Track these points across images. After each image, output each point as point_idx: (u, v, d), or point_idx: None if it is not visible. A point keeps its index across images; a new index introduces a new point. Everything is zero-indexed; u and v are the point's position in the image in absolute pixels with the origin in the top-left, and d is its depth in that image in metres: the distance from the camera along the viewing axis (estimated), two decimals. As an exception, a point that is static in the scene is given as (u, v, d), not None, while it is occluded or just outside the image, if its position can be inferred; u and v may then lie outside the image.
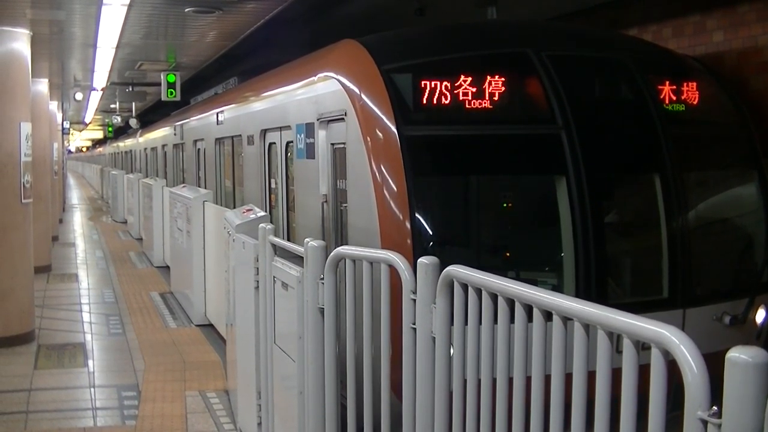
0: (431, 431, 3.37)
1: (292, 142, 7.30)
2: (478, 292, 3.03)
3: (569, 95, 5.56)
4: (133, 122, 25.83)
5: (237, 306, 6.22)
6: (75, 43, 11.98)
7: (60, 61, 14.17)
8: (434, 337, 3.34)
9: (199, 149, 13.67)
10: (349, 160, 5.77)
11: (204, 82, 16.29)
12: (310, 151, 6.66)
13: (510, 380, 2.86)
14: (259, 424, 5.61)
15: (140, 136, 25.30)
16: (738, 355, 1.90)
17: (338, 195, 6.24)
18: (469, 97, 5.43)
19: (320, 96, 6.45)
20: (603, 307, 2.41)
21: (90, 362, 8.69)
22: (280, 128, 7.90)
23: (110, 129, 35.24)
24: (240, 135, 9.72)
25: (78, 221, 26.57)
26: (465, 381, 3.16)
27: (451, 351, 3.26)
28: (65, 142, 36.56)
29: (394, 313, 3.64)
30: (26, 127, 9.71)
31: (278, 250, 5.18)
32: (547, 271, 5.61)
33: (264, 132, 8.54)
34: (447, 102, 5.41)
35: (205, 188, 11.99)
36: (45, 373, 8.24)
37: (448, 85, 5.41)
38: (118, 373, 8.27)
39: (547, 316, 2.63)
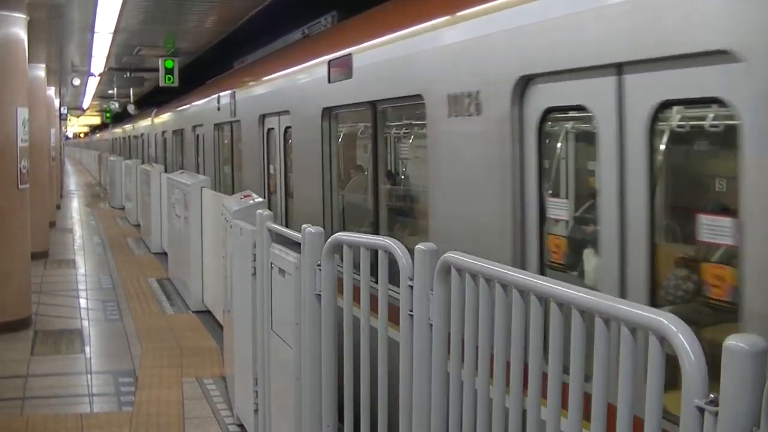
0: (428, 418, 3.37)
1: None
2: (476, 278, 3.02)
3: None
4: (131, 108, 25.79)
5: (234, 292, 6.21)
6: (73, 28, 11.96)
7: (58, 46, 14.14)
8: (431, 324, 3.33)
9: (270, 129, 8.89)
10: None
11: (247, 43, 12.12)
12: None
13: (507, 365, 2.85)
14: (256, 410, 5.61)
15: (155, 116, 21.28)
16: (735, 343, 1.88)
17: None
18: None
19: None
20: (600, 294, 2.39)
21: (87, 348, 8.69)
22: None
23: (108, 115, 35.24)
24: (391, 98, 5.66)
25: (76, 207, 26.54)
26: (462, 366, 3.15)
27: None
28: (63, 128, 36.50)
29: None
30: (23, 113, 9.69)
31: (275, 237, 5.17)
32: None
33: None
34: None
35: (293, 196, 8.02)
36: (42, 359, 8.24)
37: None
38: (115, 359, 8.27)
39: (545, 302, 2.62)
